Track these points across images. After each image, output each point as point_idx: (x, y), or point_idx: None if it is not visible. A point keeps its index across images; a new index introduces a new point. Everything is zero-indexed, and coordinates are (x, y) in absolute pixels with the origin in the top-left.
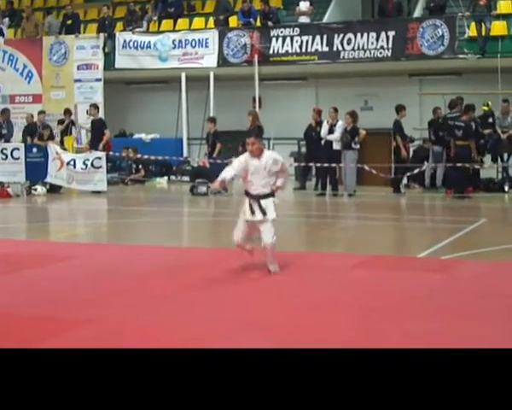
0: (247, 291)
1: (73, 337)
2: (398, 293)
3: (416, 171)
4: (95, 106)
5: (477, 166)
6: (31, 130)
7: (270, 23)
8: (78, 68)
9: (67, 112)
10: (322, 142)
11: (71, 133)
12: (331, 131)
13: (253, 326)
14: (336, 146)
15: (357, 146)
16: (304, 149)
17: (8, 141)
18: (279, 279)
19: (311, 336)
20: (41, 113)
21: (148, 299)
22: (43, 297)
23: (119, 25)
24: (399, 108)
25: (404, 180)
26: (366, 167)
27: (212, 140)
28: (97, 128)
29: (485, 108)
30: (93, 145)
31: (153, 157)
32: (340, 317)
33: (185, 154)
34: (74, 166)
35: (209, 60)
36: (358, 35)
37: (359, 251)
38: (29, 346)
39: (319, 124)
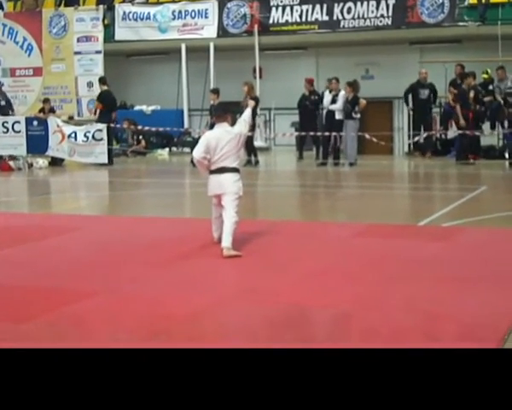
0: (248, 260)
1: (81, 308)
2: (399, 261)
3: (416, 139)
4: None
5: (477, 134)
6: None
7: None
8: (78, 41)
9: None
10: (324, 111)
11: None
12: (334, 101)
13: (255, 293)
14: (339, 116)
15: (358, 115)
16: None
17: (7, 114)
18: (279, 248)
19: (312, 304)
20: None
21: (151, 269)
22: (47, 270)
23: None
24: (464, 76)
25: (406, 149)
26: (367, 136)
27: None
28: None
29: (485, 75)
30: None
31: (154, 129)
32: (340, 285)
33: (186, 125)
34: (75, 138)
35: (209, 30)
36: (358, 3)
37: (360, 220)
38: (36, 317)
39: (312, 93)
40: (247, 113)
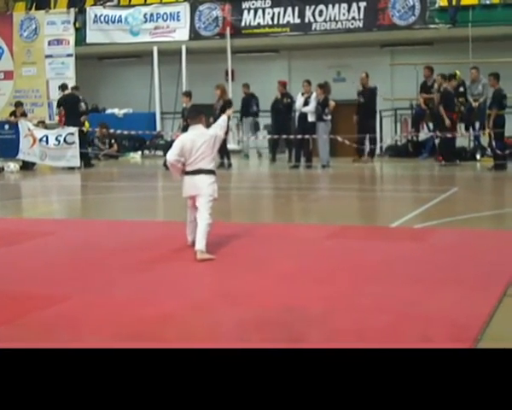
0: (222, 263)
1: (55, 312)
2: (372, 262)
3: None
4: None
5: (449, 136)
6: None
7: None
8: (50, 44)
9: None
10: (297, 114)
11: None
12: (306, 103)
13: (229, 296)
14: (311, 118)
15: (328, 117)
16: None
17: None
18: (253, 250)
19: (287, 305)
20: None
21: (125, 273)
22: (20, 274)
23: None
24: (449, 78)
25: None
26: (339, 138)
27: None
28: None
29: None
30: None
31: (126, 132)
32: (315, 286)
33: (158, 128)
34: (47, 142)
35: (181, 33)
36: (330, 6)
37: (333, 222)
38: (9, 322)
39: (285, 96)
40: (224, 118)
